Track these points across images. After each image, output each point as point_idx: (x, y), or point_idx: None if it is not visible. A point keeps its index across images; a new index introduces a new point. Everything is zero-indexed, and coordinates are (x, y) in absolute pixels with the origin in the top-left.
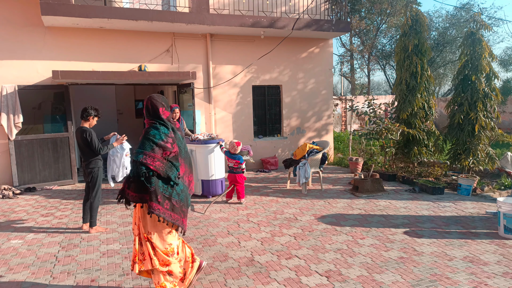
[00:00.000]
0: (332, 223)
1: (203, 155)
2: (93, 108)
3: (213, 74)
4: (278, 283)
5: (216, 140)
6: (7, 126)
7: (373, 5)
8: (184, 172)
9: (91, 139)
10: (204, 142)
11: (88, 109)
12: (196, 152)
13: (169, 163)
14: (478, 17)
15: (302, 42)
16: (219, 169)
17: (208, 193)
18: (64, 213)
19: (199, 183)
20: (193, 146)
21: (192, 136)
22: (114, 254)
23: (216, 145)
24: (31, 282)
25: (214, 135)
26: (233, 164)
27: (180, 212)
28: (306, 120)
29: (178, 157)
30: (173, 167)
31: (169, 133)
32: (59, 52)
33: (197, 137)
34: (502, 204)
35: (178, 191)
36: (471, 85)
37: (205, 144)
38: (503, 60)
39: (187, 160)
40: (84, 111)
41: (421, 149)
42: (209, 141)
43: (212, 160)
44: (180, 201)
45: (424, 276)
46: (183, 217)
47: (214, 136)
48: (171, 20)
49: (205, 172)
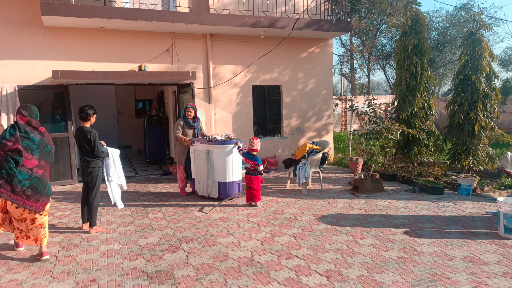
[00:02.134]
0: (332, 223)
1: (220, 156)
2: (89, 106)
3: (213, 74)
4: (278, 283)
5: (234, 141)
6: (7, 126)
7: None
8: (37, 165)
9: (94, 142)
10: (221, 142)
11: (85, 109)
12: (213, 153)
13: (7, 157)
14: (478, 17)
15: (302, 42)
16: (237, 171)
17: (225, 195)
18: (64, 213)
19: (216, 185)
20: (210, 147)
21: (209, 136)
22: (114, 254)
23: (234, 146)
24: (31, 282)
25: (232, 136)
26: (250, 165)
27: (22, 195)
28: (306, 120)
29: (22, 153)
30: (10, 160)
31: (15, 134)
32: (59, 52)
33: (215, 137)
34: (502, 204)
35: (20, 178)
36: (471, 85)
37: (222, 144)
38: (503, 60)
39: (44, 157)
40: (82, 112)
41: (421, 149)
42: (227, 141)
43: (230, 161)
44: (22, 186)
45: (424, 276)
46: (25, 199)
47: (232, 136)
48: (171, 20)
49: (221, 174)
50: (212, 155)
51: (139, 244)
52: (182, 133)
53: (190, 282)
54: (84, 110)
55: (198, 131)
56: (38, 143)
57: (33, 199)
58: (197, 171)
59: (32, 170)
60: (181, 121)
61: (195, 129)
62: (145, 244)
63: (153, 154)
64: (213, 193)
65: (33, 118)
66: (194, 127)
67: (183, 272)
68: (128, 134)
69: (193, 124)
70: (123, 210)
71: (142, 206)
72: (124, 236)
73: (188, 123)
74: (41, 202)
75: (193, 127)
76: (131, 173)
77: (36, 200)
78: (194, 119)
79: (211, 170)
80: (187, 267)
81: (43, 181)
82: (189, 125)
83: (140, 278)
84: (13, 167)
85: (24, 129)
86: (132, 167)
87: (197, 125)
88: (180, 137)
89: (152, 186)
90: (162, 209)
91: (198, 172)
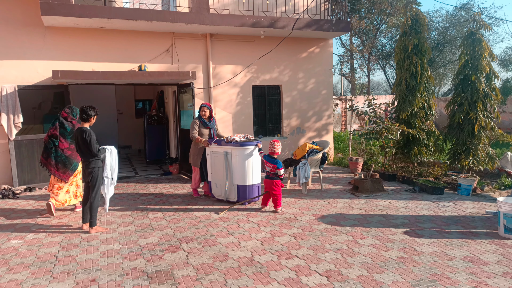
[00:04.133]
0: (332, 223)
1: (240, 158)
2: (90, 107)
3: (213, 74)
4: (278, 283)
5: (254, 142)
6: (7, 126)
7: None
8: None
9: (90, 140)
10: (241, 144)
11: (87, 110)
12: (231, 154)
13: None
14: (478, 17)
15: (302, 42)
16: (256, 174)
17: (244, 199)
18: (64, 213)
19: (235, 188)
20: (229, 148)
21: (227, 138)
22: (114, 254)
23: (254, 148)
24: (31, 282)
25: (250, 136)
26: (270, 168)
27: (55, 167)
28: (306, 120)
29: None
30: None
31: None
32: (59, 52)
33: (233, 139)
34: (502, 204)
35: (55, 155)
36: (471, 85)
37: (241, 146)
38: (503, 60)
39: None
40: (84, 113)
41: (421, 149)
42: (247, 143)
43: (250, 163)
44: (55, 161)
45: (424, 276)
46: (56, 170)
47: (251, 137)
48: (171, 20)
49: (241, 177)
50: (230, 157)
51: (139, 244)
52: (198, 133)
53: (190, 282)
54: (85, 111)
55: (214, 131)
56: (69, 132)
57: (61, 171)
58: (214, 174)
59: (63, 150)
60: (197, 121)
61: (211, 129)
62: (145, 244)
63: (153, 154)
64: (232, 197)
65: (71, 115)
66: (210, 127)
67: (183, 272)
68: (128, 134)
69: (209, 123)
70: (123, 210)
71: (142, 206)
72: (124, 236)
73: (204, 123)
74: (67, 175)
75: (209, 127)
76: (131, 173)
77: (63, 172)
78: (210, 119)
79: (230, 173)
80: (187, 267)
81: (70, 159)
82: (205, 125)
83: (140, 278)
84: (52, 146)
85: (62, 121)
86: (132, 167)
87: (213, 124)
88: (197, 138)
89: (152, 186)
90: (162, 209)
91: (215, 175)
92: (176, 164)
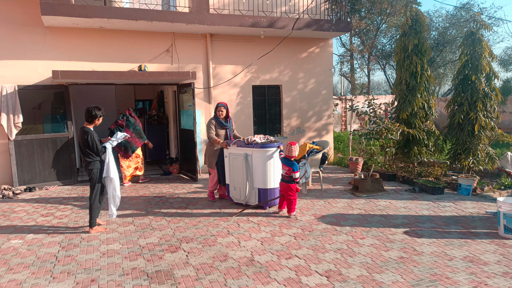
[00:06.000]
0: (332, 223)
1: (261, 161)
2: (97, 108)
3: (213, 74)
4: (278, 283)
5: (275, 144)
6: (7, 126)
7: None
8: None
9: (92, 141)
10: (262, 145)
11: (93, 110)
12: (252, 157)
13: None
14: (478, 17)
15: (302, 42)
16: (278, 176)
17: (265, 203)
18: (64, 213)
19: (255, 191)
20: (249, 150)
21: (248, 139)
22: (114, 254)
23: (276, 150)
24: (31, 282)
25: (271, 137)
26: (286, 171)
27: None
28: (306, 120)
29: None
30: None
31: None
32: (59, 52)
33: (254, 140)
34: (502, 204)
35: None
36: (471, 85)
37: (262, 148)
38: (503, 60)
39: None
40: (90, 114)
41: (421, 149)
42: (267, 144)
43: (271, 166)
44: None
45: (424, 276)
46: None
47: (271, 138)
48: (171, 20)
49: (262, 180)
50: (251, 160)
51: (139, 244)
52: (215, 134)
53: (190, 282)
54: (92, 111)
55: (230, 131)
56: (133, 124)
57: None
58: (232, 177)
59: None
60: (213, 121)
61: (227, 129)
62: (145, 244)
63: (153, 154)
64: (252, 201)
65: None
66: (226, 127)
67: (183, 272)
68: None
69: (226, 124)
70: (122, 210)
71: (142, 206)
72: (124, 236)
73: (220, 123)
74: (127, 155)
75: (226, 127)
76: None
77: (125, 153)
78: (226, 119)
79: (250, 176)
80: (187, 267)
81: (131, 145)
82: (222, 125)
83: (140, 278)
84: None
85: (127, 116)
86: None
87: (229, 125)
88: (214, 139)
89: (152, 186)
90: (162, 209)
91: (234, 178)
92: (176, 164)
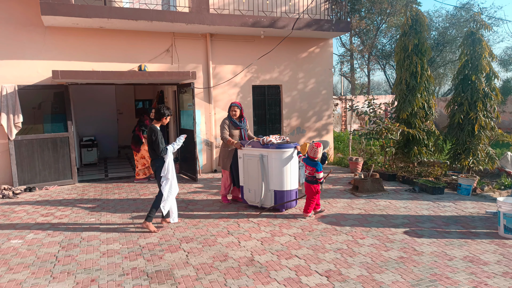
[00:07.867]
0: (332, 223)
1: (277, 162)
2: (166, 107)
3: (213, 74)
4: (278, 283)
5: (292, 144)
6: (7, 126)
7: (373, 5)
8: None
9: (155, 139)
10: (278, 146)
11: (162, 109)
12: (268, 158)
13: None
14: (478, 16)
15: (302, 42)
16: (294, 178)
17: (281, 206)
18: (64, 213)
19: (271, 194)
20: (265, 151)
21: (263, 139)
22: (114, 254)
23: (293, 150)
24: (31, 282)
25: (286, 138)
26: (309, 171)
27: None
28: (306, 120)
29: None
30: None
31: None
32: (59, 52)
33: (270, 140)
34: (502, 204)
35: None
36: (471, 85)
37: (279, 149)
38: (503, 60)
39: None
40: (159, 112)
41: (421, 149)
42: (284, 145)
43: (288, 168)
44: None
45: (424, 276)
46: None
47: (287, 139)
48: (171, 20)
49: (278, 182)
50: (267, 161)
51: (139, 244)
52: (228, 134)
53: (190, 282)
54: (161, 110)
55: (245, 131)
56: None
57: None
58: (247, 178)
59: None
60: (227, 121)
61: (241, 130)
62: (145, 244)
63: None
64: (268, 203)
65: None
66: (240, 128)
67: (183, 272)
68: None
69: (240, 124)
70: (123, 210)
71: (142, 206)
72: (124, 236)
73: (234, 123)
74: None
75: (240, 127)
76: (131, 173)
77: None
78: (240, 119)
79: (266, 177)
80: (187, 267)
81: None
82: (235, 125)
83: (140, 278)
84: None
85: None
86: (132, 167)
87: (243, 125)
88: (228, 139)
89: (152, 186)
90: None
91: (248, 179)
92: (176, 164)
